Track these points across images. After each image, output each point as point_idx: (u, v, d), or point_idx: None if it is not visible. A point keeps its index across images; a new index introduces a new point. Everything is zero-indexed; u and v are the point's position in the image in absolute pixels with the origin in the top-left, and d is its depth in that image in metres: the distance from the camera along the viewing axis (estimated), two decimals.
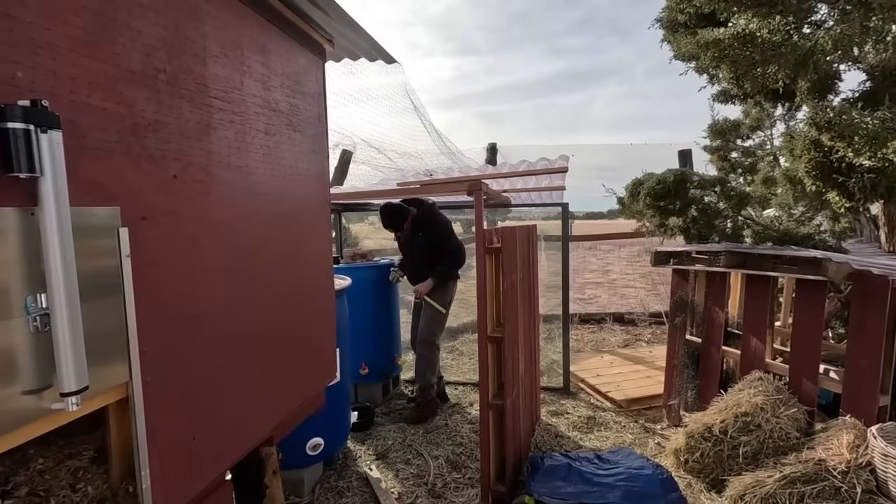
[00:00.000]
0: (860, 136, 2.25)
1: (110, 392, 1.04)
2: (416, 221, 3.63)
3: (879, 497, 2.04)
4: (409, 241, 3.74)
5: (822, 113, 2.42)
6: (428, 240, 3.60)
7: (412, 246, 3.71)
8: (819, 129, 2.42)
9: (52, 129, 0.83)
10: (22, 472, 1.18)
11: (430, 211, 3.68)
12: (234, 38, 1.43)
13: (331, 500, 2.56)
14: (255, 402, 1.56)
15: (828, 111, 2.42)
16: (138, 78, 1.09)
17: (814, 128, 2.46)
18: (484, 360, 2.49)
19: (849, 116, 2.35)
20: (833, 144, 2.42)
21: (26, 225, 0.84)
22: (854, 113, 2.37)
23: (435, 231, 3.62)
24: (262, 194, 1.57)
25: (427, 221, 3.63)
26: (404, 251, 3.87)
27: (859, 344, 2.43)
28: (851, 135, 2.28)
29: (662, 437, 3.17)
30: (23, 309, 0.84)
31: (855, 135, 2.28)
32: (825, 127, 2.38)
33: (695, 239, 3.81)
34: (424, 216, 3.64)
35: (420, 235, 3.64)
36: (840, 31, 2.46)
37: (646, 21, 3.77)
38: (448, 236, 3.67)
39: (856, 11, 2.54)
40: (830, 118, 2.37)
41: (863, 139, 2.24)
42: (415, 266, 3.73)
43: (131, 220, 1.05)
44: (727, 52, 2.77)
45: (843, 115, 2.37)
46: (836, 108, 2.44)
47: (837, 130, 2.31)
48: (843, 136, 2.31)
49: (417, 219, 3.63)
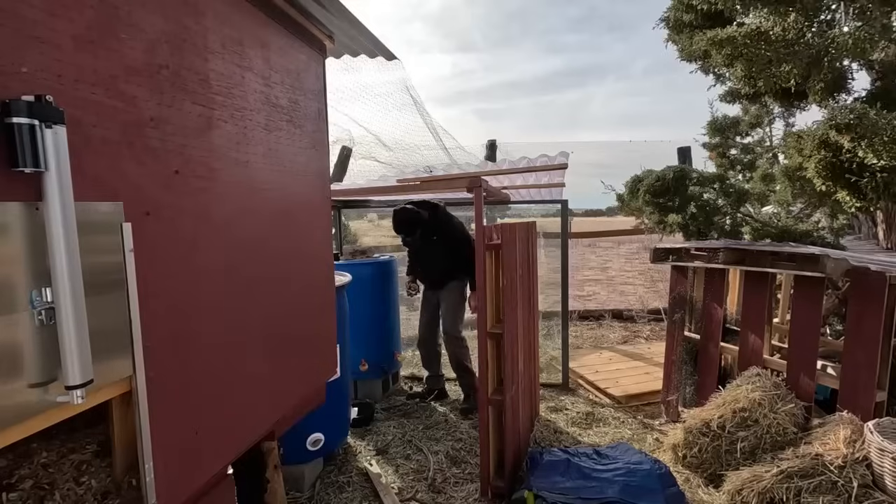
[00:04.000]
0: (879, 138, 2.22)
1: (114, 386, 1.05)
2: (430, 226, 3.54)
3: (875, 491, 2.05)
4: (422, 246, 3.62)
5: (842, 114, 2.38)
6: (444, 244, 3.53)
7: (427, 251, 3.62)
8: (839, 131, 2.39)
9: (56, 125, 0.84)
10: (26, 466, 1.19)
11: (444, 215, 3.60)
12: (235, 35, 1.43)
13: (331, 495, 2.57)
14: (257, 396, 1.57)
15: (848, 112, 2.38)
16: (141, 73, 1.09)
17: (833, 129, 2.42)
18: (483, 356, 2.51)
19: (868, 119, 2.32)
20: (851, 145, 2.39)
21: (31, 219, 0.85)
22: (873, 114, 2.35)
23: (450, 233, 3.57)
24: (264, 190, 1.58)
25: (442, 225, 3.56)
26: (416, 256, 3.75)
27: (856, 340, 2.44)
28: (872, 136, 2.26)
29: (661, 432, 3.18)
30: (28, 303, 0.84)
31: (876, 136, 2.25)
32: (845, 128, 2.35)
33: (694, 235, 3.83)
34: (439, 220, 3.56)
35: (435, 240, 3.55)
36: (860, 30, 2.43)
37: (644, 18, 3.79)
38: (467, 240, 3.58)
39: (877, 10, 2.51)
40: (851, 120, 2.34)
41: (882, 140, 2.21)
42: (434, 270, 3.65)
43: (134, 216, 1.06)
44: (741, 51, 2.74)
45: (864, 117, 2.33)
46: (856, 110, 2.40)
47: (859, 132, 2.29)
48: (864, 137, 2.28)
49: (431, 223, 3.54)
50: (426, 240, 3.59)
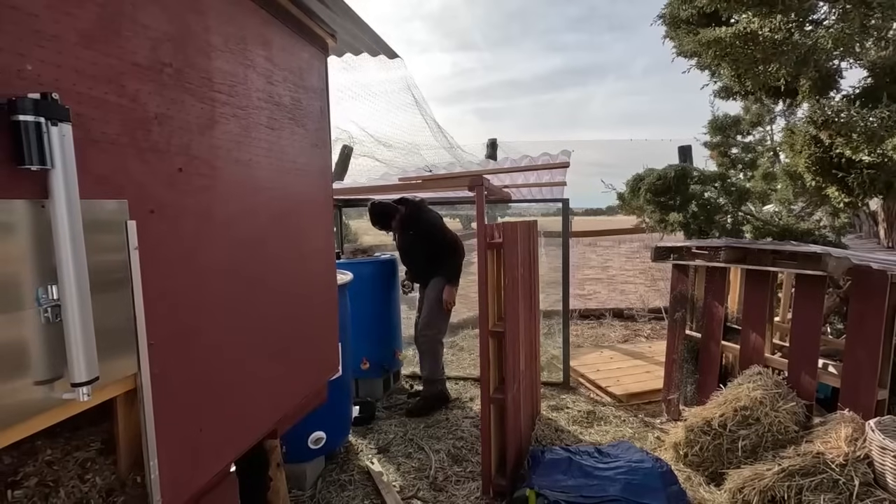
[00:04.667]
0: (858, 134, 2.26)
1: (119, 383, 1.05)
2: (405, 220, 3.59)
3: (877, 489, 2.06)
4: (402, 242, 3.72)
5: (819, 111, 2.43)
6: (419, 238, 3.58)
7: (406, 246, 3.70)
8: (817, 127, 2.43)
9: (62, 122, 0.84)
10: (31, 463, 1.19)
11: (416, 208, 3.62)
12: (238, 33, 1.43)
13: (333, 494, 2.57)
14: (260, 394, 1.57)
15: (825, 109, 2.43)
16: (144, 71, 1.09)
17: (812, 125, 2.47)
18: (485, 355, 2.51)
19: (847, 114, 2.36)
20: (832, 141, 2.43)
21: (37, 217, 0.85)
22: (853, 111, 2.38)
23: (424, 227, 3.58)
24: (266, 189, 1.58)
25: (414, 219, 3.59)
26: (401, 253, 3.82)
27: (858, 338, 2.44)
28: (849, 132, 2.30)
29: (662, 431, 3.19)
30: (34, 300, 0.85)
31: (853, 132, 2.29)
32: (822, 125, 2.39)
33: (695, 234, 3.83)
34: (411, 214, 3.60)
35: (411, 234, 3.62)
36: (840, 30, 2.47)
37: (644, 17, 3.78)
38: (440, 231, 3.61)
39: (855, 10, 2.54)
40: (828, 116, 2.38)
41: (861, 136, 2.25)
42: (416, 266, 3.70)
43: (139, 214, 1.06)
44: (728, 51, 2.77)
45: (841, 113, 2.37)
46: (833, 106, 2.45)
47: (835, 128, 2.33)
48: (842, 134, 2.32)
49: (405, 217, 3.59)
50: (405, 235, 3.64)
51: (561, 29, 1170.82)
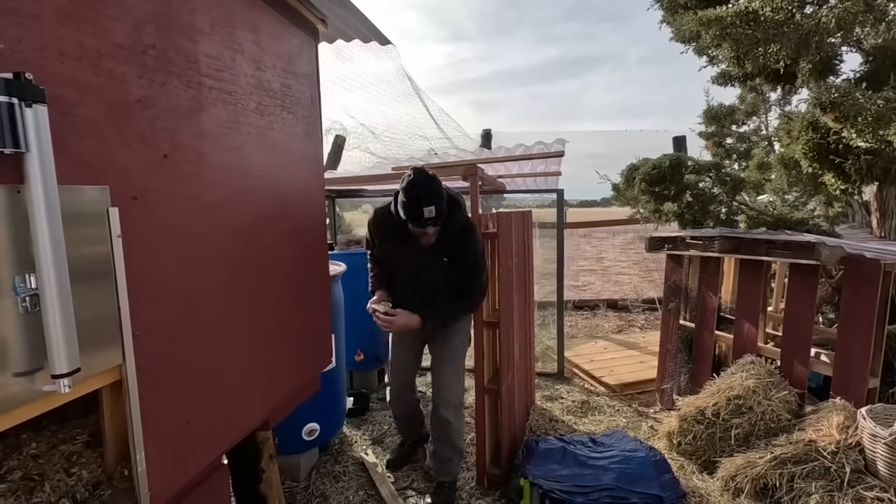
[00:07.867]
0: (863, 118, 2.24)
1: (103, 375, 1.02)
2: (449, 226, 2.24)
3: (868, 476, 2.07)
4: (418, 248, 2.30)
5: (826, 93, 2.40)
6: (451, 246, 2.27)
7: (426, 255, 2.31)
8: (823, 109, 2.40)
9: (37, 103, 0.80)
10: (15, 457, 1.17)
11: (458, 205, 2.30)
12: (225, 16, 1.39)
13: (327, 485, 2.57)
14: (251, 386, 1.55)
15: (832, 91, 2.40)
16: (126, 53, 1.06)
17: (818, 108, 2.44)
18: (480, 345, 2.50)
19: (853, 97, 2.34)
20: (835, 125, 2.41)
21: (13, 203, 0.82)
22: (858, 94, 2.36)
23: (461, 234, 2.27)
24: (256, 176, 1.55)
25: (456, 221, 2.26)
26: (409, 263, 2.36)
27: (850, 327, 2.45)
28: (856, 115, 2.27)
29: (655, 420, 3.20)
30: (11, 289, 0.82)
31: (859, 115, 2.27)
32: (829, 107, 2.37)
33: (689, 224, 3.83)
34: (452, 211, 2.23)
35: (441, 239, 2.26)
36: (844, 9, 2.43)
37: (638, 7, 3.75)
38: (482, 251, 2.36)
39: None
40: (835, 98, 2.35)
41: (866, 120, 2.23)
42: (423, 290, 2.36)
43: (121, 200, 1.03)
44: (729, 31, 2.73)
45: (848, 96, 2.35)
46: (840, 89, 2.42)
47: (842, 111, 2.30)
48: (848, 117, 2.30)
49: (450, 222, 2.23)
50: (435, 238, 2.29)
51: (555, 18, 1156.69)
